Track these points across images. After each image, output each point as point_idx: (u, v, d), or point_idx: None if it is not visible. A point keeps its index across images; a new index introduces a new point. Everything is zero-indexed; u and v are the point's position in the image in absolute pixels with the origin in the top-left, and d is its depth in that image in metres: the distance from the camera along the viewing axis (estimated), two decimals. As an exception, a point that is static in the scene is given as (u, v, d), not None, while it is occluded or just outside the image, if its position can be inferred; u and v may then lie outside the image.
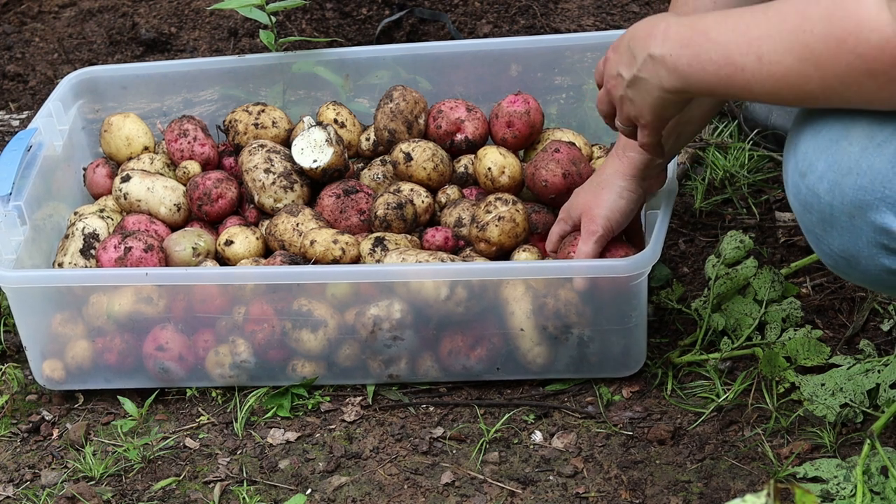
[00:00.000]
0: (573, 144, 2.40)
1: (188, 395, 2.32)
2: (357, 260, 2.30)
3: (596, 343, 2.20)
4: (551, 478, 2.09)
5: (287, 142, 2.58)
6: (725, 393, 2.19)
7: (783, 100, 1.64)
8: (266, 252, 2.41)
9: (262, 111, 2.60)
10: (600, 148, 2.55)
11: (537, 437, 2.17)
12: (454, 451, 2.16)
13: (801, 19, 1.57)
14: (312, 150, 2.43)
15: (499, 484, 2.09)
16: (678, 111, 1.82)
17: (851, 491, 1.97)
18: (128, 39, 3.26)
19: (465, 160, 2.51)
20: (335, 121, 2.57)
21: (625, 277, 2.11)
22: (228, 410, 2.29)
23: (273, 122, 2.60)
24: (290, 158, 2.46)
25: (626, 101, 1.84)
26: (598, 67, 1.95)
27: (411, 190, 2.43)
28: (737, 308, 2.30)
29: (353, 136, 2.59)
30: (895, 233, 1.60)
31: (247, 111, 2.61)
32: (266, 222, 2.44)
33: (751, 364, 2.24)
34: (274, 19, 2.69)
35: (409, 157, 2.44)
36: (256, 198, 2.45)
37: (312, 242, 2.30)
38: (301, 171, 2.46)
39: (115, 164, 2.60)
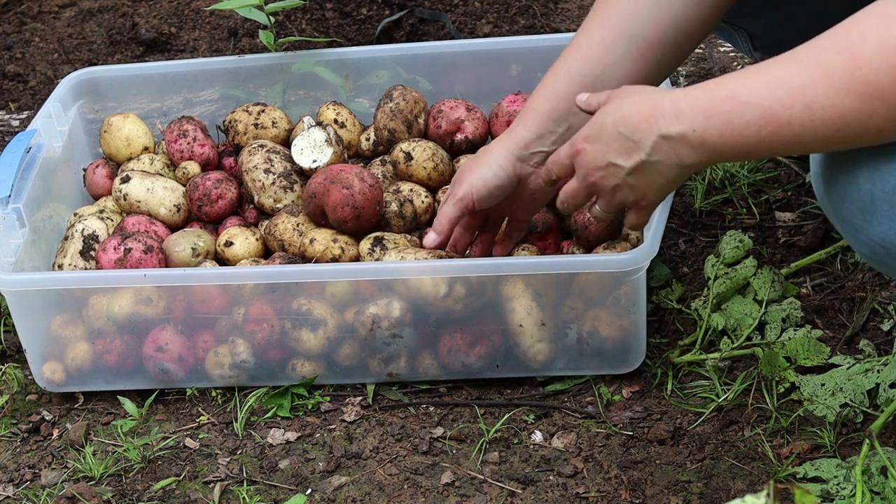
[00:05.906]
0: (573, 144, 2.40)
1: (188, 395, 2.32)
2: (356, 259, 2.30)
3: (596, 339, 2.20)
4: (551, 478, 2.09)
5: (287, 142, 2.58)
6: (725, 393, 2.19)
7: (840, 142, 1.57)
8: (266, 253, 2.41)
9: (262, 111, 2.60)
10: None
11: (537, 437, 2.17)
12: (454, 451, 2.16)
13: (848, 58, 1.51)
14: (312, 150, 2.43)
15: (499, 484, 2.08)
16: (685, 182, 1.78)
17: (851, 491, 1.97)
18: (128, 39, 3.26)
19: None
20: (335, 121, 2.57)
21: (623, 272, 2.11)
22: (228, 410, 2.29)
23: (273, 122, 2.59)
24: (289, 158, 2.46)
25: (624, 188, 1.78)
26: (559, 161, 1.87)
27: (411, 190, 2.43)
28: (737, 308, 2.30)
29: (353, 136, 2.59)
30: None
31: (247, 111, 2.61)
32: (266, 222, 2.44)
33: (751, 364, 2.24)
34: (273, 19, 2.69)
35: (409, 157, 2.44)
36: (256, 198, 2.45)
37: (312, 241, 2.30)
38: (301, 171, 2.46)
39: (114, 164, 2.60)
